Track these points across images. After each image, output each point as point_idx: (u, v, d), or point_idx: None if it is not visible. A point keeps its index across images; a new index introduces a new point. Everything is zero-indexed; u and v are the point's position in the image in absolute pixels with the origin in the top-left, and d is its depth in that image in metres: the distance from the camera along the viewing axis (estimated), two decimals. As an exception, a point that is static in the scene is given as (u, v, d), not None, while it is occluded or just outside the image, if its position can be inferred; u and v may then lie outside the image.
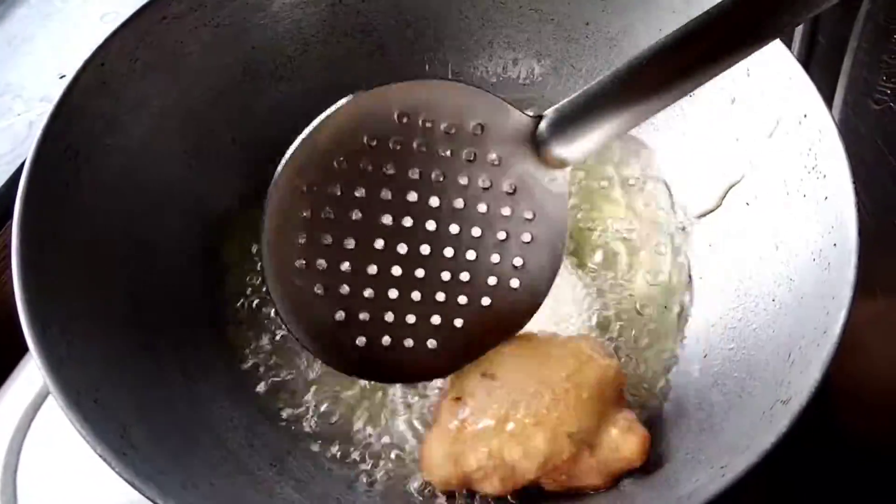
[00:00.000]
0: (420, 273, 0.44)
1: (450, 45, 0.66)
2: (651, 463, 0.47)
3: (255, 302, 0.58)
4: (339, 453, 0.52)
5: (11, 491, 0.55)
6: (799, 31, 0.70)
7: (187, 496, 0.41)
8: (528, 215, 0.44)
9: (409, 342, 0.45)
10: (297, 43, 0.63)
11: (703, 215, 0.59)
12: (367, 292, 0.43)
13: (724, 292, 0.55)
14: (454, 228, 0.43)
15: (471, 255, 0.44)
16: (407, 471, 0.51)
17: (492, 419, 0.45)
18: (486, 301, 0.45)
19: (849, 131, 0.62)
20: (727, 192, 0.57)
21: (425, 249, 0.44)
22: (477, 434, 0.46)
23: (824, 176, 0.48)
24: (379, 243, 0.43)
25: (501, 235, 0.44)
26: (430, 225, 0.43)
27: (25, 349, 0.42)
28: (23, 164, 0.47)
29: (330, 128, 0.42)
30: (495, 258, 0.44)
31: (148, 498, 0.39)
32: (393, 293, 0.44)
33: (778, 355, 0.46)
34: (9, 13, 0.81)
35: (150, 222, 0.55)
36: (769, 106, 0.53)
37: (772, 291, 0.50)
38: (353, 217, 0.42)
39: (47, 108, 0.49)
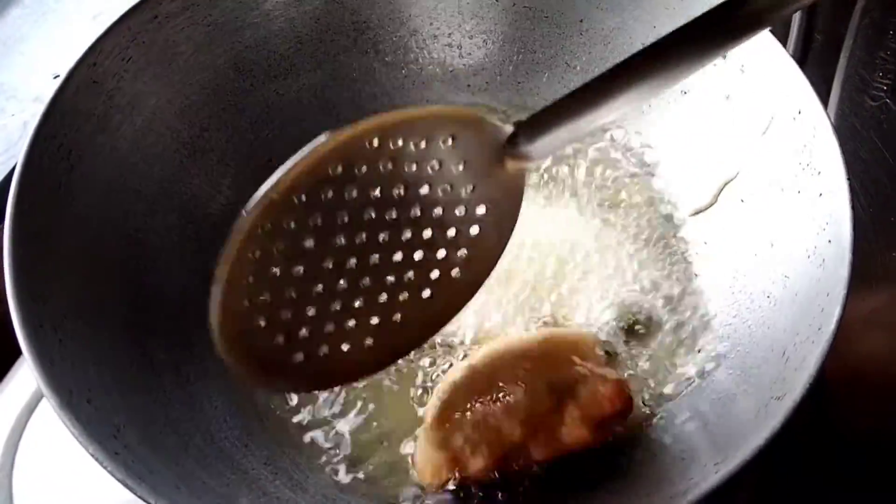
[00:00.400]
0: (366, 282, 0.42)
1: (444, 42, 0.66)
2: (645, 460, 0.47)
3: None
4: (333, 453, 0.52)
5: (7, 492, 0.55)
6: (795, 27, 0.70)
7: (180, 496, 0.41)
8: (482, 211, 0.42)
9: (345, 346, 0.43)
10: (290, 41, 0.63)
11: (698, 212, 0.59)
12: (310, 311, 0.41)
13: (718, 289, 0.55)
14: (407, 234, 0.42)
15: (419, 255, 0.43)
16: (405, 472, 0.51)
17: (473, 395, 0.47)
18: (426, 293, 0.44)
19: (845, 128, 0.62)
20: (722, 189, 0.57)
21: (374, 259, 0.42)
22: (460, 414, 0.47)
23: (819, 173, 0.48)
24: (328, 264, 0.41)
25: (451, 233, 0.43)
26: (383, 236, 0.41)
27: (19, 350, 0.42)
28: (15, 165, 0.47)
29: (294, 173, 0.38)
30: (441, 254, 0.43)
31: (141, 497, 0.39)
32: (336, 305, 0.42)
33: (772, 352, 0.46)
34: (2, 14, 0.81)
35: (143, 222, 0.55)
36: (763, 103, 0.53)
37: (766, 288, 0.50)
38: (306, 245, 0.40)
39: (41, 109, 0.49)
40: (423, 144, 0.39)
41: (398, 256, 0.42)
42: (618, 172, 0.62)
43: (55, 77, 0.58)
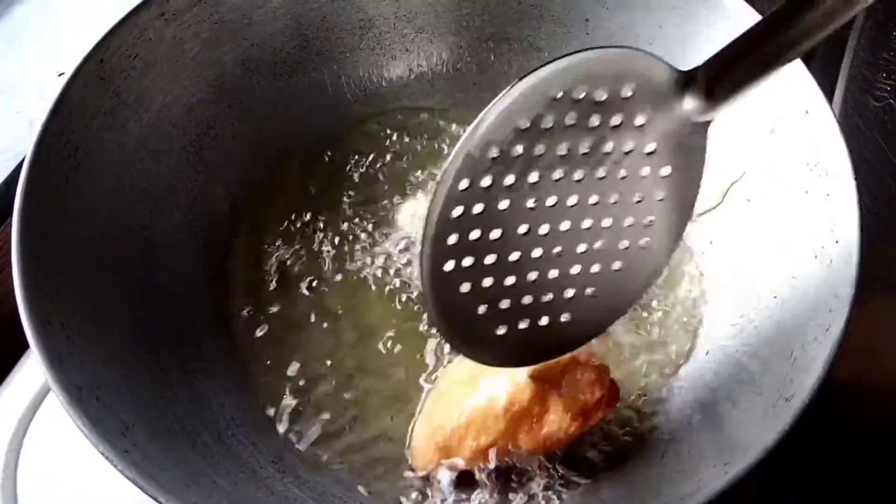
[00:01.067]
0: (558, 250, 0.41)
1: (449, 40, 0.66)
2: (652, 460, 0.47)
3: (258, 298, 0.57)
4: (340, 452, 0.52)
5: (12, 489, 0.55)
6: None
7: (189, 494, 0.41)
8: (665, 172, 0.41)
9: (544, 321, 0.43)
10: (296, 39, 0.63)
11: (705, 213, 0.59)
12: (508, 280, 0.42)
13: (725, 290, 0.55)
14: (593, 198, 0.41)
15: (607, 222, 0.41)
16: (406, 472, 0.51)
17: (461, 385, 0.49)
18: (616, 265, 0.43)
19: (849, 128, 0.63)
20: (728, 189, 0.57)
21: (565, 225, 0.41)
22: (450, 401, 0.48)
23: (826, 173, 0.48)
24: (522, 228, 0.41)
25: (637, 197, 0.41)
26: (572, 200, 0.40)
27: (26, 346, 0.42)
28: (22, 162, 0.47)
29: (488, 123, 0.38)
30: (629, 220, 0.42)
31: (150, 496, 0.39)
32: (532, 276, 0.42)
33: (780, 353, 0.46)
34: (8, 10, 0.81)
35: (150, 218, 0.55)
36: (770, 102, 0.53)
37: (773, 289, 0.50)
38: (501, 207, 0.40)
39: (47, 106, 0.49)
40: (604, 96, 0.38)
41: (587, 223, 0.41)
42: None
43: (60, 74, 0.58)
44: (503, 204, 0.40)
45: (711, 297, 0.56)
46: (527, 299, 0.42)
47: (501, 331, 0.43)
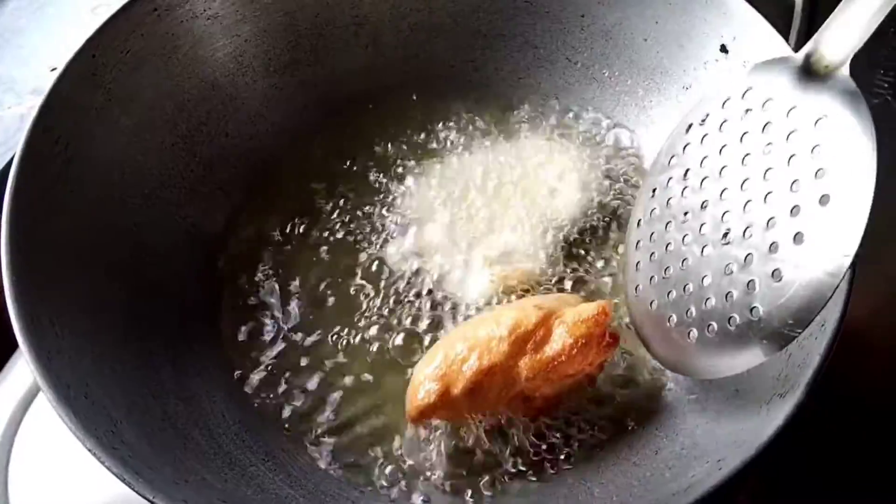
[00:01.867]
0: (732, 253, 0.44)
1: (443, 37, 0.66)
2: (647, 456, 0.47)
3: (251, 297, 0.57)
4: (332, 450, 0.51)
5: (3, 487, 0.55)
6: (796, 25, 0.70)
7: (178, 491, 0.40)
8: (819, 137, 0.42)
9: (732, 320, 0.43)
10: (290, 36, 0.62)
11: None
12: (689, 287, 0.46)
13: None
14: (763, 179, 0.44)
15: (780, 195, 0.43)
16: (401, 465, 0.51)
17: (467, 325, 0.51)
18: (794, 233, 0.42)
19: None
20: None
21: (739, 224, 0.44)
22: (455, 336, 0.49)
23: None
24: (701, 220, 0.46)
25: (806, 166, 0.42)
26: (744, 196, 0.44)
27: (16, 344, 0.41)
28: (13, 158, 0.47)
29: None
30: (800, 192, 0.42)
31: (138, 493, 0.38)
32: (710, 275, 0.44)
33: (775, 349, 0.45)
34: (1, 6, 0.80)
35: (141, 215, 0.54)
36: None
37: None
38: (684, 198, 0.47)
39: (38, 101, 0.49)
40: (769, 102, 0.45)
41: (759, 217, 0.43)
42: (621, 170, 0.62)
43: (52, 70, 0.57)
44: (687, 199, 0.47)
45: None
46: (710, 302, 0.44)
47: (693, 335, 0.45)
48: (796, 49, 0.45)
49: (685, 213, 0.47)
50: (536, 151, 0.63)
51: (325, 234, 0.60)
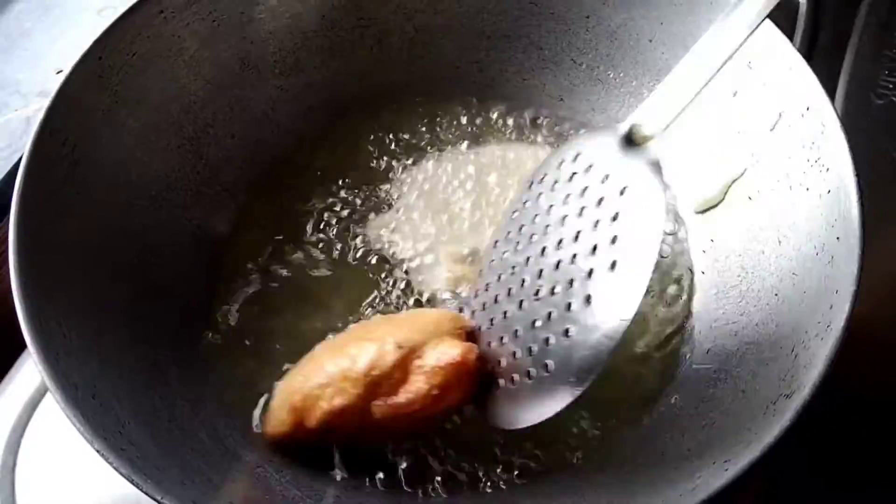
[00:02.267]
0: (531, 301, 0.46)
1: (449, 38, 0.66)
2: (652, 457, 0.47)
3: (256, 300, 0.57)
4: (338, 453, 0.51)
5: (10, 488, 0.55)
6: (801, 24, 0.70)
7: (186, 492, 0.41)
8: (627, 195, 0.45)
9: (531, 374, 0.45)
10: (296, 37, 0.62)
11: (706, 210, 0.59)
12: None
13: (726, 287, 0.55)
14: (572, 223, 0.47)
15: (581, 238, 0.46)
16: (395, 468, 0.51)
17: (329, 350, 0.49)
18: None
19: (850, 125, 0.62)
20: (729, 186, 0.57)
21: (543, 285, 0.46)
22: (314, 364, 0.48)
23: (827, 169, 0.48)
24: (523, 276, 0.48)
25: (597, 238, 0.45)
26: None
27: (24, 345, 0.41)
28: (20, 160, 0.47)
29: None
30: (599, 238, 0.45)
31: (147, 494, 0.38)
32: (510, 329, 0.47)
33: (781, 350, 0.45)
34: (6, 8, 0.81)
35: (148, 216, 0.54)
36: (771, 99, 0.53)
37: (774, 286, 0.50)
38: (516, 253, 0.49)
39: (45, 104, 0.49)
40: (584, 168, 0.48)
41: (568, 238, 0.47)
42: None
43: (58, 72, 0.58)
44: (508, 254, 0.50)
45: (712, 294, 0.56)
46: (506, 360, 0.47)
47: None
48: (800, 49, 0.45)
49: (513, 268, 0.50)
50: (540, 152, 0.63)
51: (331, 234, 0.60)
